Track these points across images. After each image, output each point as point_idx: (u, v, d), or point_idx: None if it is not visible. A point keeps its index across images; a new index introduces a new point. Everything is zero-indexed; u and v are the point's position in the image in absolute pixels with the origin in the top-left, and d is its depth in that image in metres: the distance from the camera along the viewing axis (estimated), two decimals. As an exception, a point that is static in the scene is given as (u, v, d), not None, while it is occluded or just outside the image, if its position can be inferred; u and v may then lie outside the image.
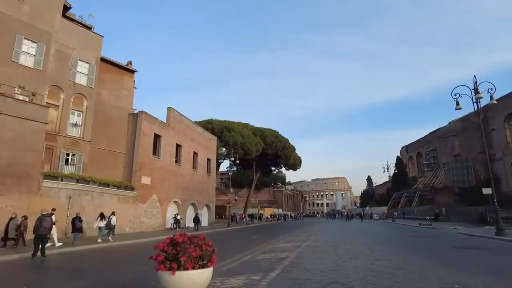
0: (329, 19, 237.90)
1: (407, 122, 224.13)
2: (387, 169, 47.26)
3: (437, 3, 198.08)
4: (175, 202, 30.04)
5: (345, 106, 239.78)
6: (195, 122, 47.78)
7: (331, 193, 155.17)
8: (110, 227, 17.63)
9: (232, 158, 45.53)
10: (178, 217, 27.91)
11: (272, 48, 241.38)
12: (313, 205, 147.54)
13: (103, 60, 25.54)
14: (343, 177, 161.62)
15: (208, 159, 37.52)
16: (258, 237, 19.08)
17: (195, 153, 34.44)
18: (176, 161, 31.26)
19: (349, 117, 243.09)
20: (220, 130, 46.58)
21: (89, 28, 24.79)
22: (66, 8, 22.52)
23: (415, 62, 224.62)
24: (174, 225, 27.57)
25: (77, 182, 19.58)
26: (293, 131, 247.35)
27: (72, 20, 23.53)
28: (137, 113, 26.24)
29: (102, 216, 17.15)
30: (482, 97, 17.42)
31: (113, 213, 18.39)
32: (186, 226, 31.06)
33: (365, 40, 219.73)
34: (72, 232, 15.80)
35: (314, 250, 12.14)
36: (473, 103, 18.09)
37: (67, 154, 21.32)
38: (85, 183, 20.06)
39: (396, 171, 76.99)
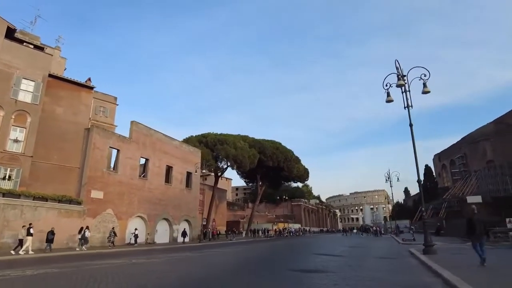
0: (366, 28, 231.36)
1: (456, 128, 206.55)
2: (389, 178, 42.37)
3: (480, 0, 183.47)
4: (140, 217, 29.49)
5: (386, 115, 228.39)
6: (190, 136, 47.84)
7: (371, 207, 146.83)
8: (83, 238, 21.56)
9: (216, 170, 44.33)
10: (136, 232, 27.25)
11: (309, 62, 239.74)
12: (349, 220, 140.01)
13: (58, 78, 26.39)
14: (383, 190, 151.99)
15: (189, 173, 36.72)
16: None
17: (170, 167, 33.91)
18: (143, 175, 30.96)
19: (392, 127, 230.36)
20: (213, 143, 45.91)
21: (41, 48, 25.80)
22: (11, 31, 23.58)
23: (462, 65, 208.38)
24: (135, 241, 26.98)
25: (3, 196, 19.77)
26: (332, 144, 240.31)
27: (20, 41, 24.60)
28: (89, 127, 26.46)
29: (80, 230, 21.74)
30: (404, 84, 14.62)
31: (87, 227, 22.34)
32: (154, 241, 30.35)
33: (404, 46, 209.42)
34: (46, 242, 19.53)
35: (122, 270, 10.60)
36: (402, 92, 15.30)
37: (5, 170, 21.81)
38: (13, 197, 20.20)
39: (424, 181, 70.10)
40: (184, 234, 32.92)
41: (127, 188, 28.23)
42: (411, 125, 14.71)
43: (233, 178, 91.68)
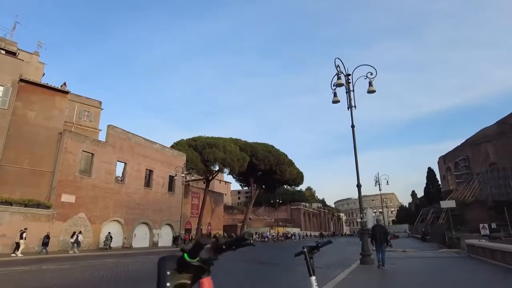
0: (375, 32, 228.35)
1: (468, 130, 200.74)
2: (378, 181, 41.00)
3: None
4: (117, 221, 29.37)
5: (397, 118, 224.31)
6: (181, 140, 47.63)
7: (380, 210, 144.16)
8: (77, 242, 23.23)
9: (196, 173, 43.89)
10: (110, 236, 27.15)
11: (316, 65, 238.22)
12: (355, 224, 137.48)
13: (30, 82, 26.57)
14: (392, 193, 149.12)
15: (172, 176, 36.49)
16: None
17: (150, 171, 33.77)
18: (121, 179, 30.88)
19: (403, 130, 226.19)
20: (203, 147, 45.54)
21: (13, 53, 26.08)
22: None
23: (474, 67, 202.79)
24: (107, 245, 26.89)
25: (-36, 200, 19.93)
26: (341, 147, 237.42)
27: (-9, 47, 24.94)
28: (61, 132, 26.54)
29: (73, 234, 23.61)
30: (343, 84, 13.90)
31: (80, 232, 24.35)
32: (131, 245, 30.14)
33: (415, 49, 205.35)
34: (42, 245, 21.25)
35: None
36: (346, 92, 14.57)
37: (-30, 174, 22.00)
38: (-26, 202, 20.35)
39: (427, 184, 68.08)
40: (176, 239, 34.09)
41: (101, 192, 28.14)
42: (353, 126, 13.93)
43: (233, 182, 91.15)
